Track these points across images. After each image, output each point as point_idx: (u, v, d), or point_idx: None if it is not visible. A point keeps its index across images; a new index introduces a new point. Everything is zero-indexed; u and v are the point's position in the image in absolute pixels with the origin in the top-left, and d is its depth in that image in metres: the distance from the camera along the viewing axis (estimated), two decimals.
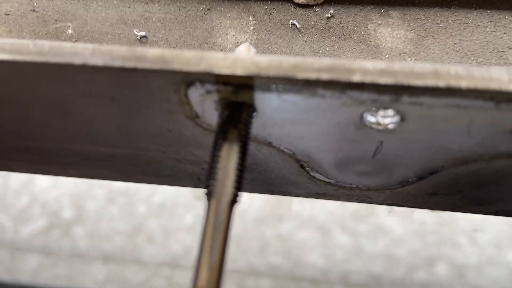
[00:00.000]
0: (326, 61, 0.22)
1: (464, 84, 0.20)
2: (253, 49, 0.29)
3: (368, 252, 1.06)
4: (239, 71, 0.22)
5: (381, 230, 1.10)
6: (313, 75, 0.21)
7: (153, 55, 0.22)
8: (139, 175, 0.33)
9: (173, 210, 1.13)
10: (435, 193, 0.31)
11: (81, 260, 1.07)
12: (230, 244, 0.21)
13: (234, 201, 0.22)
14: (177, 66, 0.22)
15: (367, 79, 0.21)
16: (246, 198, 1.06)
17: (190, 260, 1.04)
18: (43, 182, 1.19)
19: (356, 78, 0.21)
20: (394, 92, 0.21)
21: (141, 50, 0.22)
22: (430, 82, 0.21)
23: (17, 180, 1.19)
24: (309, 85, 0.22)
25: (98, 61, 0.22)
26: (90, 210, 1.15)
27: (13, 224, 1.14)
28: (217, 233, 0.21)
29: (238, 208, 0.23)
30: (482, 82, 0.20)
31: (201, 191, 0.23)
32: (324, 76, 0.21)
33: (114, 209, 1.15)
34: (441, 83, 0.21)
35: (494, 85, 0.20)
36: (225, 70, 0.22)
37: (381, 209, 1.13)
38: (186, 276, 1.02)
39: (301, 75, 0.21)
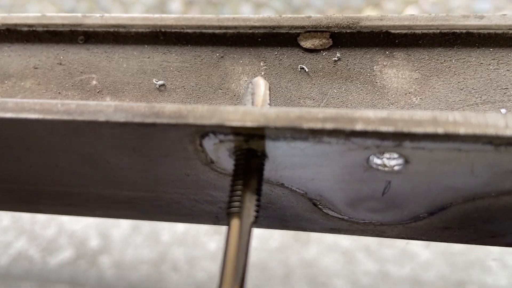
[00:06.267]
0: (330, 111, 0.23)
1: (462, 130, 0.21)
2: (263, 82, 0.30)
3: (394, 277, 1.05)
4: (248, 123, 0.23)
5: (407, 254, 1.08)
6: (318, 125, 0.23)
7: (170, 111, 0.24)
8: (161, 214, 0.35)
9: (197, 238, 1.14)
10: (448, 227, 0.31)
11: None
12: (254, 271, 0.23)
13: (255, 222, 0.24)
14: (191, 120, 0.24)
15: (369, 127, 0.22)
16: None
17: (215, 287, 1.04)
18: None
19: (359, 127, 0.22)
20: (396, 139, 0.23)
21: (159, 106, 0.24)
22: (429, 129, 0.22)
23: None
24: (315, 134, 0.23)
25: (120, 117, 0.24)
26: (115, 239, 1.17)
27: (41, 255, 1.16)
28: (241, 251, 0.23)
29: (261, 236, 0.24)
30: (480, 128, 0.21)
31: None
32: (328, 125, 0.23)
33: (139, 238, 1.17)
34: (440, 130, 0.22)
35: (491, 131, 0.21)
36: (235, 123, 0.23)
37: None
38: None
39: (307, 125, 0.23)
